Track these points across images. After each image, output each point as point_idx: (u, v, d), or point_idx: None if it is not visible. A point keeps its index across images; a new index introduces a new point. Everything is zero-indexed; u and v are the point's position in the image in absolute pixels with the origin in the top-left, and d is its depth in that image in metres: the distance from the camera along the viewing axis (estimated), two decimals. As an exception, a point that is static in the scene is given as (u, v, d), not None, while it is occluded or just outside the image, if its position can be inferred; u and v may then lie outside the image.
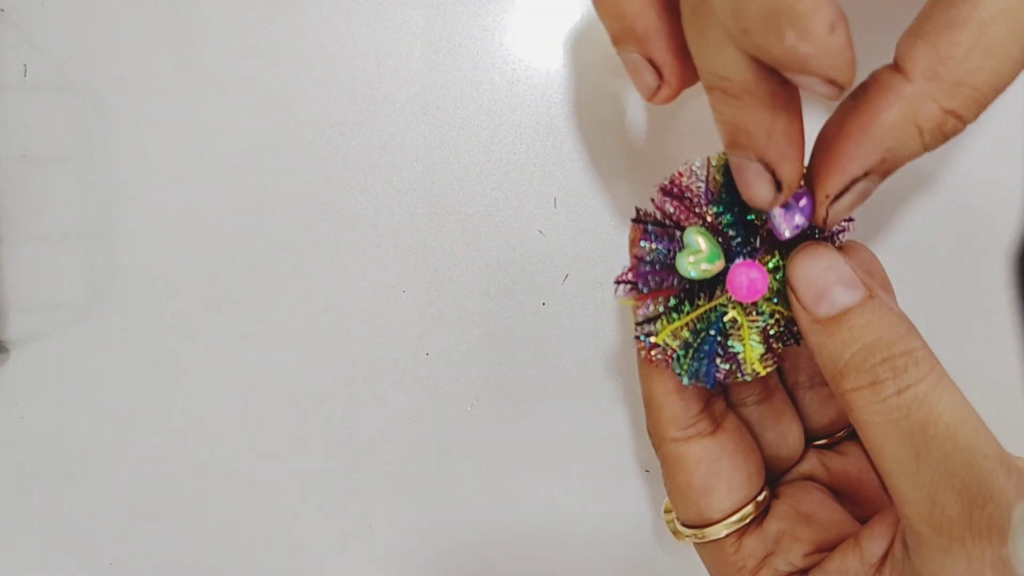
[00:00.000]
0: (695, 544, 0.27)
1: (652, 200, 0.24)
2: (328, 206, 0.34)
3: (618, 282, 0.25)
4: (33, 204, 0.34)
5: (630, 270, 0.24)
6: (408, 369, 0.34)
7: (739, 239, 0.24)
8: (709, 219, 0.24)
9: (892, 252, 0.34)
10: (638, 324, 0.25)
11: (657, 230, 0.24)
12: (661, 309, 0.24)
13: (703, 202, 0.24)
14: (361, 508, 0.35)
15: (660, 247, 0.24)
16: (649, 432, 0.27)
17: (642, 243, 0.24)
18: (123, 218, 0.34)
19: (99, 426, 0.35)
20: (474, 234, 0.34)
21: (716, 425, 0.26)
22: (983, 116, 0.33)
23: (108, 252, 0.34)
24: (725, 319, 0.24)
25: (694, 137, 0.34)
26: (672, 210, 0.24)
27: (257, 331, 0.34)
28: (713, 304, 0.24)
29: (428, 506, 0.35)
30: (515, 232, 0.34)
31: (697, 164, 0.24)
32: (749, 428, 0.27)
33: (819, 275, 0.22)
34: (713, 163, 0.24)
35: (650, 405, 0.26)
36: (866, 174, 0.21)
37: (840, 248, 0.24)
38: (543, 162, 0.34)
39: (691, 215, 0.24)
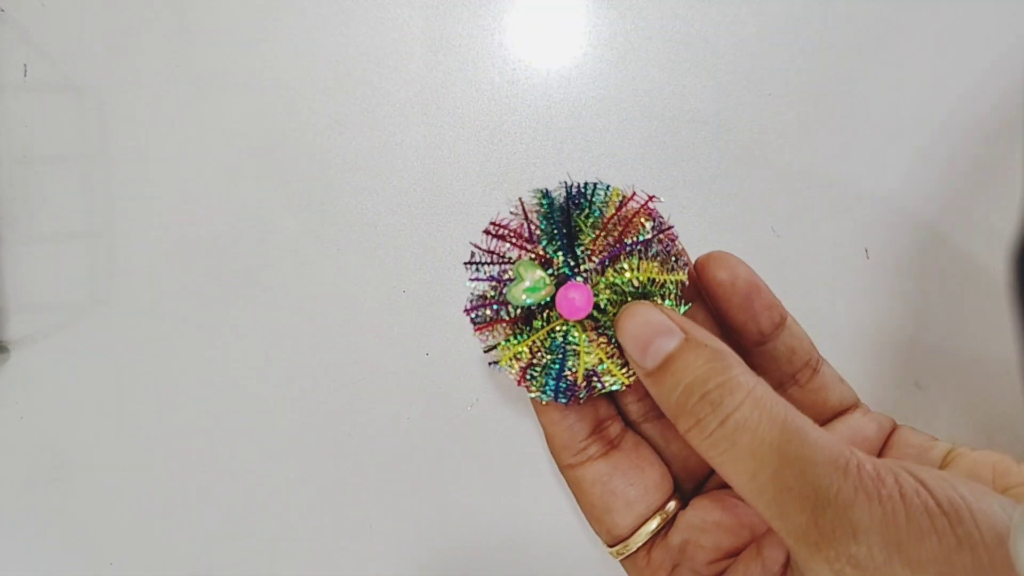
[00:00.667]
0: (620, 561, 0.27)
1: (476, 244, 0.27)
2: (328, 206, 0.34)
3: (465, 312, 0.27)
4: (33, 204, 0.34)
5: (472, 307, 0.27)
6: (408, 369, 0.34)
7: (567, 265, 0.26)
8: (540, 252, 0.26)
9: (892, 252, 0.34)
10: (485, 351, 0.27)
11: (488, 268, 0.26)
12: (502, 337, 0.26)
13: (529, 238, 0.26)
14: (361, 508, 0.35)
15: (491, 283, 0.26)
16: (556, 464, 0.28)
17: (470, 282, 0.27)
18: (123, 218, 0.34)
19: (99, 426, 0.35)
20: (474, 234, 0.34)
21: (610, 446, 0.27)
22: (983, 116, 0.33)
23: (108, 252, 0.34)
24: (569, 337, 0.26)
25: (691, 135, 0.34)
26: (505, 246, 0.27)
27: (257, 331, 0.34)
28: (552, 326, 0.26)
29: (428, 506, 0.35)
30: (515, 232, 0.34)
31: (512, 209, 0.27)
32: (653, 443, 0.28)
33: (638, 331, 0.23)
34: (529, 202, 0.26)
35: (545, 436, 0.28)
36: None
37: (706, 261, 0.26)
38: (543, 162, 0.34)
39: (521, 251, 0.26)
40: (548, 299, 0.26)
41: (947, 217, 0.34)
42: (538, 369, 0.26)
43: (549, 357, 0.26)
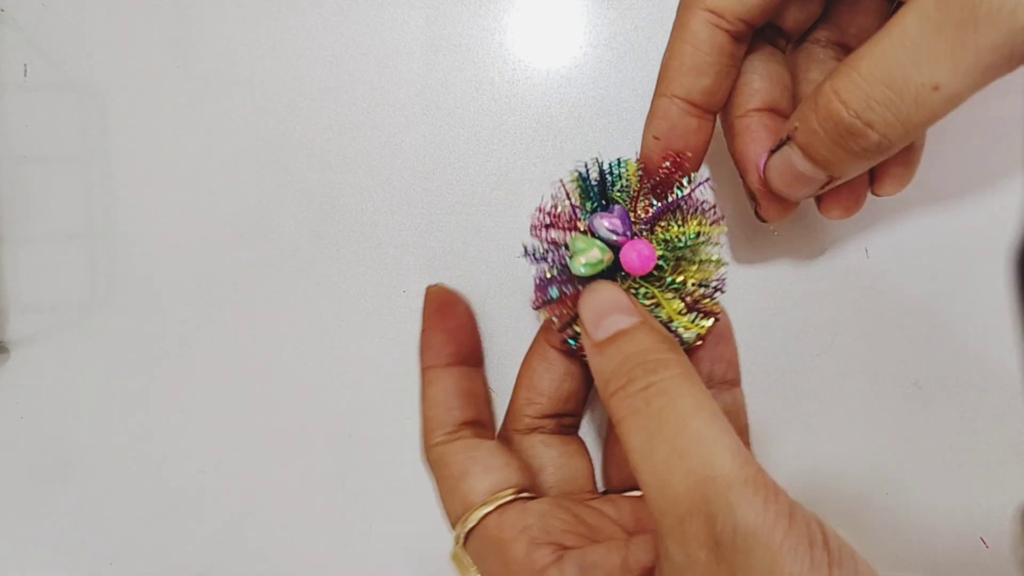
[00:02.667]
0: (459, 550, 0.26)
1: (530, 236, 0.28)
2: (328, 206, 0.34)
3: (535, 307, 0.28)
4: (33, 204, 0.34)
5: (536, 291, 0.28)
6: (408, 369, 0.34)
7: (616, 233, 0.27)
8: (583, 228, 0.27)
9: (893, 252, 0.34)
10: (561, 330, 0.28)
11: (544, 253, 0.28)
12: (570, 314, 0.27)
13: (575, 218, 0.28)
14: (361, 508, 0.35)
15: (552, 263, 0.27)
16: (423, 448, 0.29)
17: (532, 267, 0.28)
18: (123, 218, 0.34)
19: (99, 426, 0.35)
20: (474, 234, 0.34)
21: (483, 433, 0.29)
22: (984, 116, 0.33)
23: (108, 252, 0.34)
24: (641, 292, 0.27)
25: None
26: (552, 235, 0.28)
27: (257, 331, 0.34)
28: (624, 286, 0.27)
29: (428, 506, 0.35)
30: (515, 232, 0.34)
31: (552, 194, 0.28)
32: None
33: (600, 304, 0.25)
34: (568, 182, 0.28)
35: (423, 417, 0.29)
36: (788, 138, 0.24)
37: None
38: (543, 162, 0.34)
39: (570, 231, 0.28)
40: (607, 265, 0.26)
41: (947, 217, 0.34)
42: None
43: None
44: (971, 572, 0.34)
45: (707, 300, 0.28)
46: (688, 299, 0.27)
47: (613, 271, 0.27)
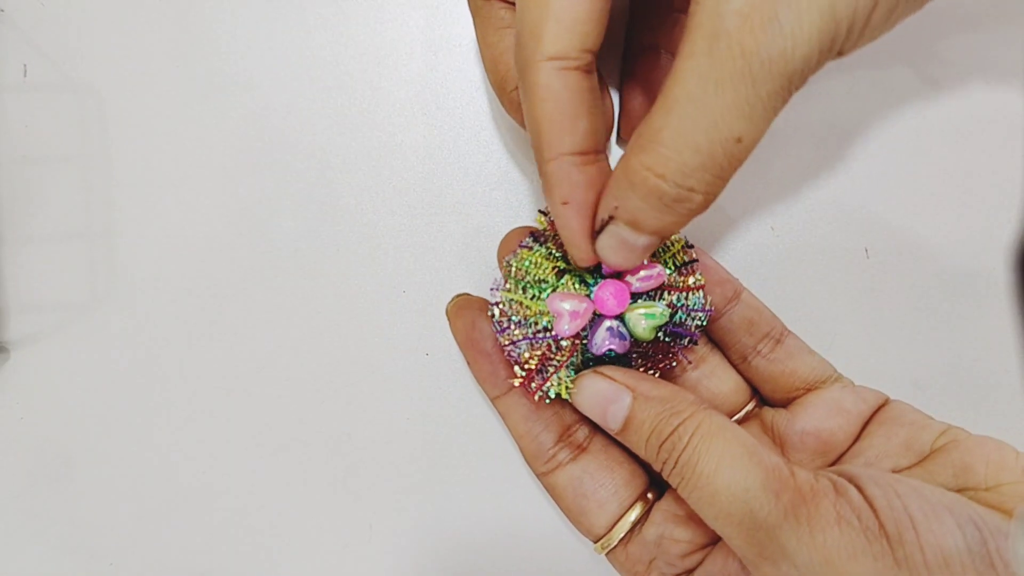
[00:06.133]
0: (606, 556, 0.29)
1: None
2: (328, 206, 0.34)
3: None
4: (33, 204, 0.34)
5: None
6: (408, 369, 0.34)
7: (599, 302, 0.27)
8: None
9: (894, 252, 0.34)
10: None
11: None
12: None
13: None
14: (361, 508, 0.35)
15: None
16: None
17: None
18: (123, 218, 0.34)
19: (99, 426, 0.35)
20: (474, 234, 0.34)
21: (579, 450, 0.29)
22: (984, 117, 0.33)
23: (108, 252, 0.34)
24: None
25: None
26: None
27: (257, 331, 0.34)
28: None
29: (428, 506, 0.35)
30: (515, 232, 0.34)
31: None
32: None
33: (592, 404, 0.26)
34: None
35: (519, 448, 0.30)
36: (610, 218, 0.23)
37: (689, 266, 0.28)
38: (543, 162, 0.34)
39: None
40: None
41: (947, 217, 0.34)
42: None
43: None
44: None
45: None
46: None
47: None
